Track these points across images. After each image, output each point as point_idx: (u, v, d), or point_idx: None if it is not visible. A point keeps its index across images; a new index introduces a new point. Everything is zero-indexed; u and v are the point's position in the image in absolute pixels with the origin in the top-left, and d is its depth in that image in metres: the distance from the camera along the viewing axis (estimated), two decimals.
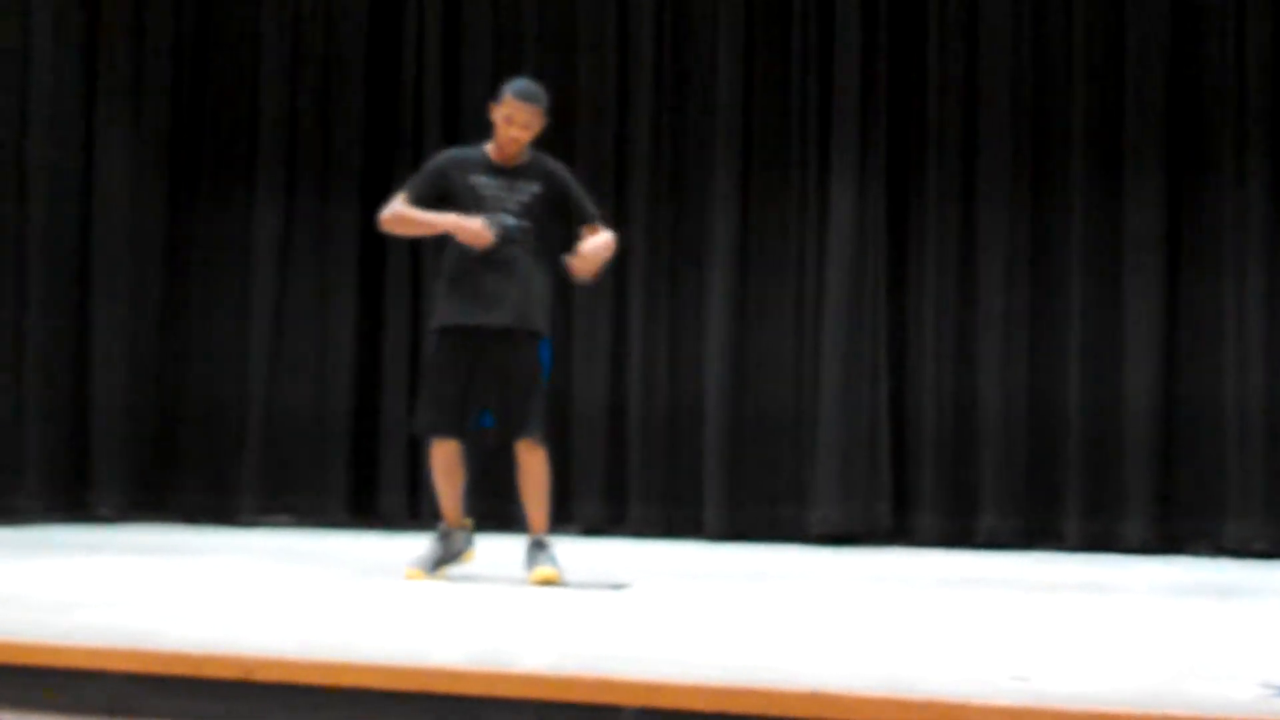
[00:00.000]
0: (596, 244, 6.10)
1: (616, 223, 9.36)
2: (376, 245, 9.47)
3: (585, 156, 9.24)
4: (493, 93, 6.30)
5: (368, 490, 9.66)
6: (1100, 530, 8.50)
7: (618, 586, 6.07)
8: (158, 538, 8.56)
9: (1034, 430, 8.70)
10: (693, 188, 9.30)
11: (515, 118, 6.13)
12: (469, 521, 6.35)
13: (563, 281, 6.34)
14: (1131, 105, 8.66)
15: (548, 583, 6.00)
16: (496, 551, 6.42)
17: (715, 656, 4.10)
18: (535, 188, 6.18)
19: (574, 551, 7.09)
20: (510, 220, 6.10)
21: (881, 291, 8.95)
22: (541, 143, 6.33)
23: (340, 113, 9.84)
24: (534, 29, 9.59)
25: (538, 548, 6.14)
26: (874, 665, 3.98)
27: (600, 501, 9.22)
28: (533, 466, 6.16)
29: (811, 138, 9.09)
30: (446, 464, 6.23)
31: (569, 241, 6.17)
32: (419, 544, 7.28)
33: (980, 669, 3.92)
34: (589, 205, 6.26)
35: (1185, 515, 8.46)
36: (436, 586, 5.98)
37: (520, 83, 6.25)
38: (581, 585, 6.05)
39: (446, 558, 6.29)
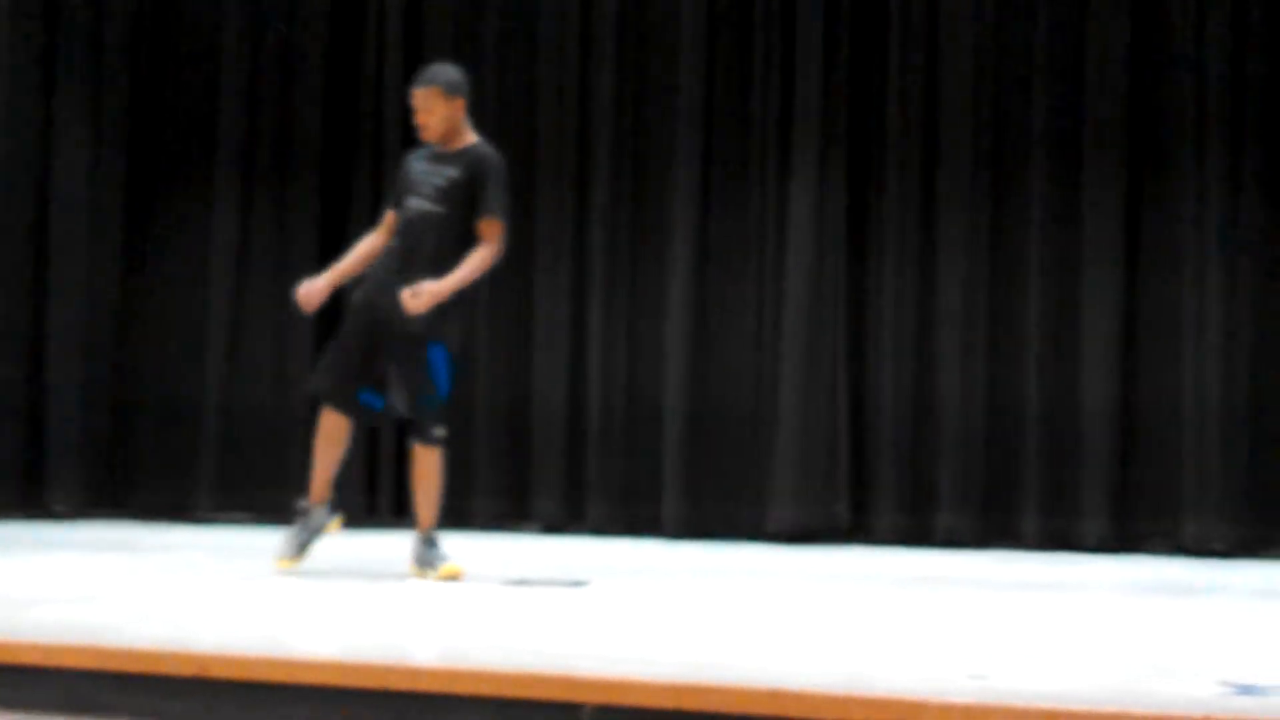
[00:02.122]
0: (432, 290, 5.96)
1: (578, 221, 9.44)
2: (335, 244, 9.39)
3: (546, 156, 9.22)
4: None
5: None
6: (1058, 529, 8.51)
7: (577, 584, 6.06)
8: (114, 535, 8.51)
9: (992, 429, 8.71)
10: (653, 186, 9.27)
11: (414, 104, 6.21)
12: (332, 495, 6.32)
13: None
14: (1091, 108, 8.66)
15: (451, 578, 5.99)
16: (455, 550, 6.39)
17: (675, 654, 4.10)
18: (456, 173, 6.13)
19: (533, 549, 7.08)
20: None
21: (841, 291, 8.94)
22: (499, 137, 6.32)
23: (300, 112, 9.78)
24: (495, 30, 9.54)
25: (424, 544, 6.12)
26: (833, 663, 3.98)
27: (559, 499, 9.19)
28: (420, 466, 6.17)
29: (772, 137, 9.07)
30: (326, 431, 6.28)
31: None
32: (377, 542, 7.25)
33: (938, 667, 3.93)
34: (493, 200, 6.12)
35: (1143, 514, 8.47)
36: (395, 585, 5.95)
37: None
38: (541, 583, 6.03)
39: (309, 537, 6.27)
